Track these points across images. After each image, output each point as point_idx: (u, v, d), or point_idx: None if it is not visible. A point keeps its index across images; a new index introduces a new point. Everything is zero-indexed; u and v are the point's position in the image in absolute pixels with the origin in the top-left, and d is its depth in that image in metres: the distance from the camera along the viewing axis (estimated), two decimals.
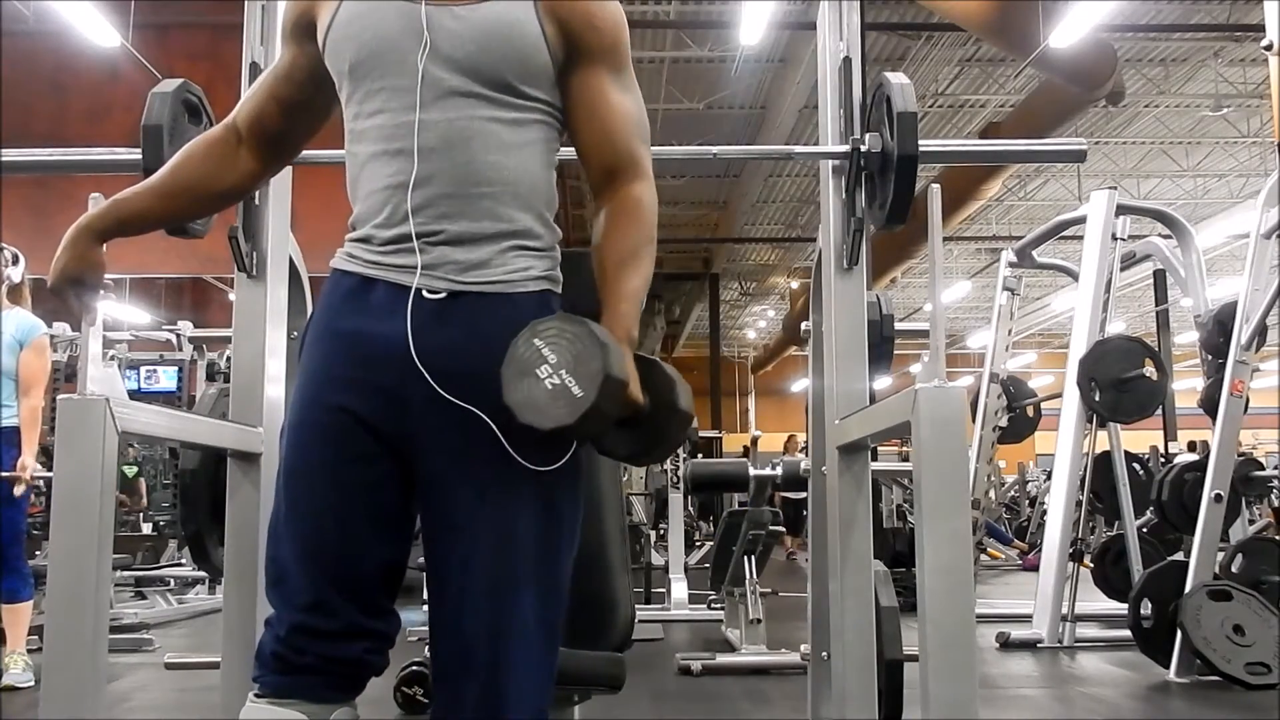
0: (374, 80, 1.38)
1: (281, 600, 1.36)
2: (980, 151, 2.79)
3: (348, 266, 1.40)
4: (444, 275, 1.35)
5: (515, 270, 1.38)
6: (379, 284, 1.37)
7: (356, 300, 1.38)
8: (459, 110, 1.36)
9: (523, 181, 1.39)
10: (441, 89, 1.36)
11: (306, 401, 1.39)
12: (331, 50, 1.42)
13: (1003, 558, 10.73)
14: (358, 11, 1.40)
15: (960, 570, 1.47)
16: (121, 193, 1.48)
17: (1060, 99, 9.92)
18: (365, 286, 1.38)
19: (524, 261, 1.39)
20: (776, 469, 4.87)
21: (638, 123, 1.46)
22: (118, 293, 10.41)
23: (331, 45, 1.41)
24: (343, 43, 1.40)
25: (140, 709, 3.87)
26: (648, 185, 1.44)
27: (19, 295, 4.20)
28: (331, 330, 1.40)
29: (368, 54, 1.38)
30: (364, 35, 1.39)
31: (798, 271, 18.43)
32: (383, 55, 1.37)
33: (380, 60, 1.37)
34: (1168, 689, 4.22)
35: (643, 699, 3.94)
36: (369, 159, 1.39)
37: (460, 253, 1.35)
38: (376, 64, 1.38)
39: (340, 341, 1.38)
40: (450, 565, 1.35)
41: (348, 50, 1.40)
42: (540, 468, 1.33)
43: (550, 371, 1.26)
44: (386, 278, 1.37)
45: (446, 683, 1.34)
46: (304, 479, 1.37)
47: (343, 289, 1.40)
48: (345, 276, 1.40)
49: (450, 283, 1.35)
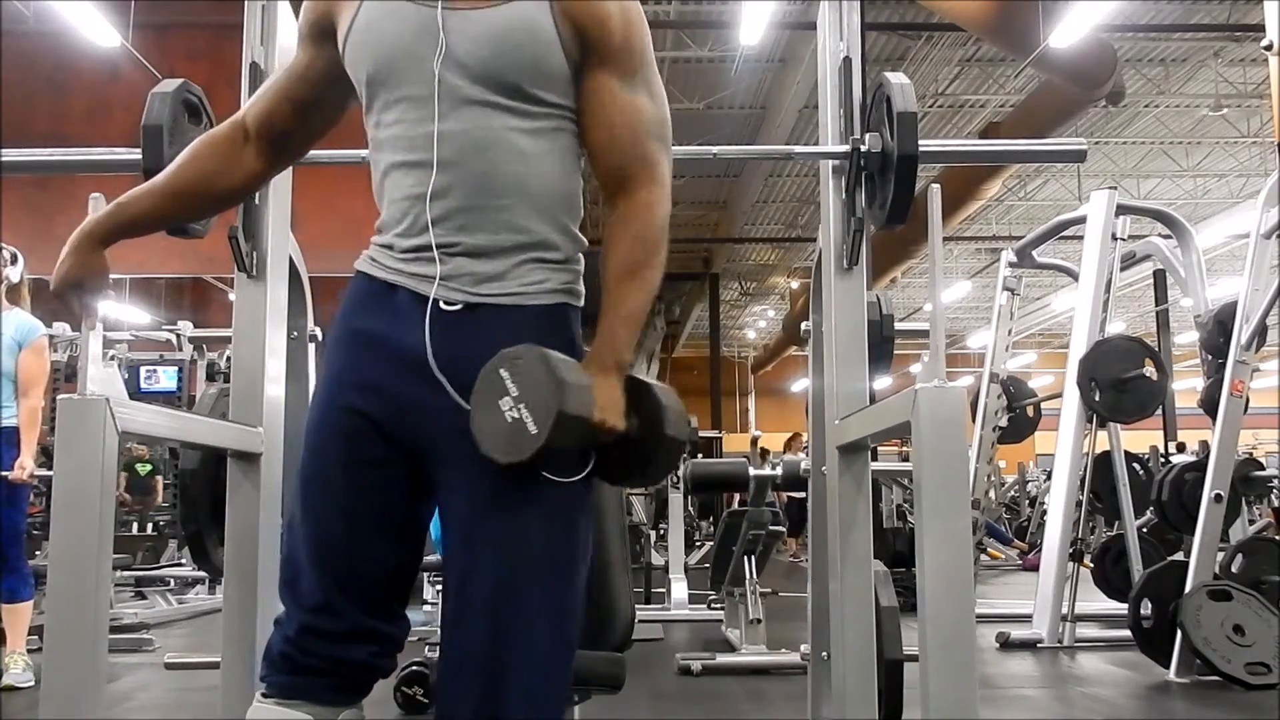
0: (392, 90, 1.38)
1: (292, 600, 1.37)
2: (980, 151, 2.80)
3: (371, 270, 1.41)
4: (460, 287, 1.36)
5: (530, 283, 1.38)
6: (400, 290, 1.38)
7: (379, 304, 1.39)
8: (476, 120, 1.36)
9: (543, 191, 1.39)
10: (459, 98, 1.35)
11: (325, 403, 1.41)
12: (351, 57, 1.42)
13: (1003, 558, 10.73)
14: (375, 17, 1.39)
15: (960, 570, 1.47)
16: (125, 195, 1.48)
17: (1060, 99, 9.92)
18: (388, 291, 1.39)
19: (540, 274, 1.39)
20: (776, 469, 4.89)
21: (652, 123, 1.42)
22: (118, 293, 10.41)
23: (351, 52, 1.41)
24: (361, 49, 1.40)
25: (140, 709, 3.87)
26: (658, 190, 1.40)
27: (18, 295, 4.19)
28: (352, 333, 1.41)
29: (385, 63, 1.38)
30: (380, 44, 1.38)
31: (798, 271, 18.43)
32: (399, 64, 1.37)
33: (396, 70, 1.37)
34: (1168, 689, 4.22)
35: (643, 699, 3.94)
36: (390, 168, 1.40)
37: (477, 265, 1.36)
38: (393, 73, 1.38)
39: (360, 344, 1.39)
40: (459, 569, 1.35)
41: (366, 59, 1.40)
42: (559, 478, 1.33)
43: (511, 404, 1.26)
44: (407, 285, 1.38)
45: (449, 684, 1.34)
46: (318, 481, 1.38)
47: (365, 292, 1.41)
48: (369, 280, 1.41)
49: (466, 294, 1.36)
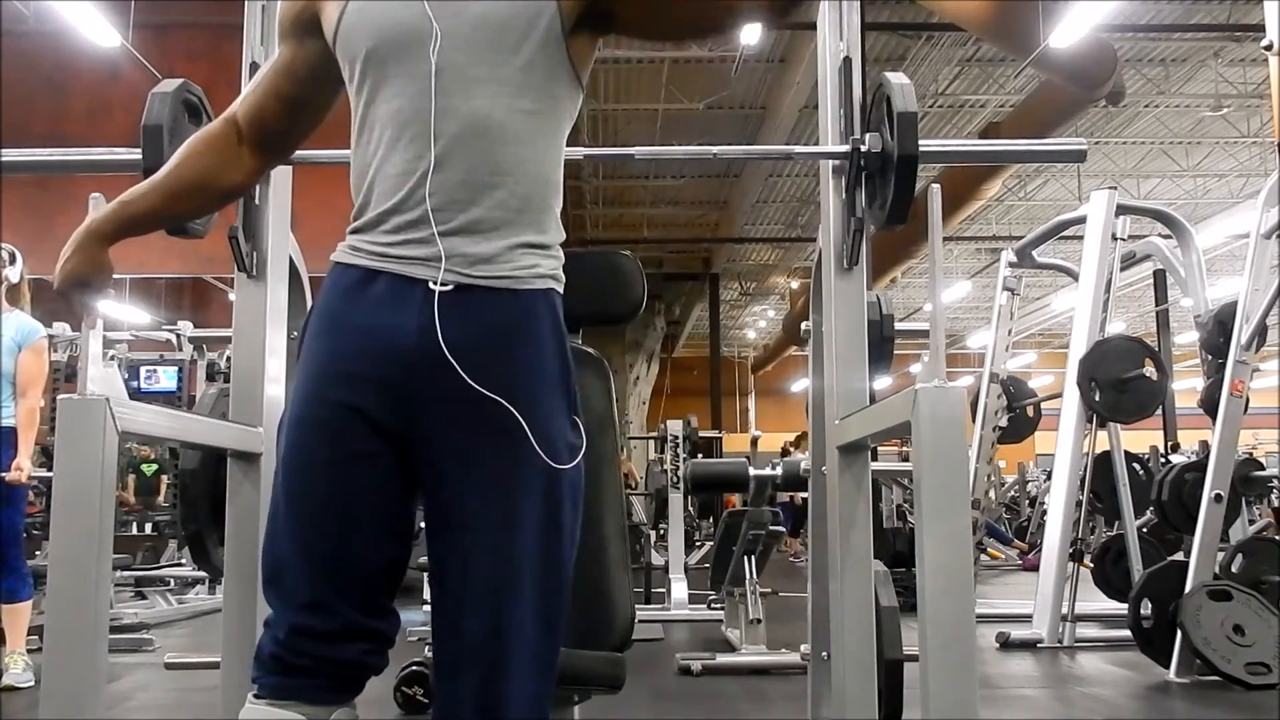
0: (390, 66, 1.37)
1: (279, 599, 1.35)
2: (980, 151, 2.78)
3: (349, 259, 1.39)
4: (451, 268, 1.33)
5: (522, 267, 1.37)
6: (381, 276, 1.35)
7: (359, 294, 1.37)
8: (479, 98, 1.35)
9: (538, 174, 1.38)
10: (461, 76, 1.35)
11: (307, 397, 1.38)
12: (344, 39, 1.40)
13: (1003, 558, 10.74)
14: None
15: (960, 570, 1.47)
16: (126, 193, 1.48)
17: (1060, 99, 9.92)
18: (368, 279, 1.36)
19: (530, 259, 1.38)
20: (776, 469, 4.88)
21: None
22: (118, 293, 10.41)
23: (344, 34, 1.40)
24: (358, 29, 1.39)
25: (140, 709, 3.87)
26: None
27: (17, 294, 4.19)
28: (333, 324, 1.38)
29: (384, 39, 1.37)
30: (381, 20, 1.38)
31: (798, 271, 18.43)
32: (400, 40, 1.36)
33: (398, 46, 1.36)
34: (1168, 689, 4.22)
35: (643, 699, 3.94)
36: (381, 145, 1.37)
37: (470, 245, 1.34)
38: (394, 50, 1.37)
39: (343, 336, 1.37)
40: (453, 562, 1.34)
41: (363, 38, 1.38)
42: (556, 465, 1.33)
43: None
44: (390, 269, 1.35)
45: (447, 681, 1.34)
46: (304, 476, 1.36)
47: (344, 283, 1.39)
48: (347, 270, 1.39)
49: (458, 276, 1.34)
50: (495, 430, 1.32)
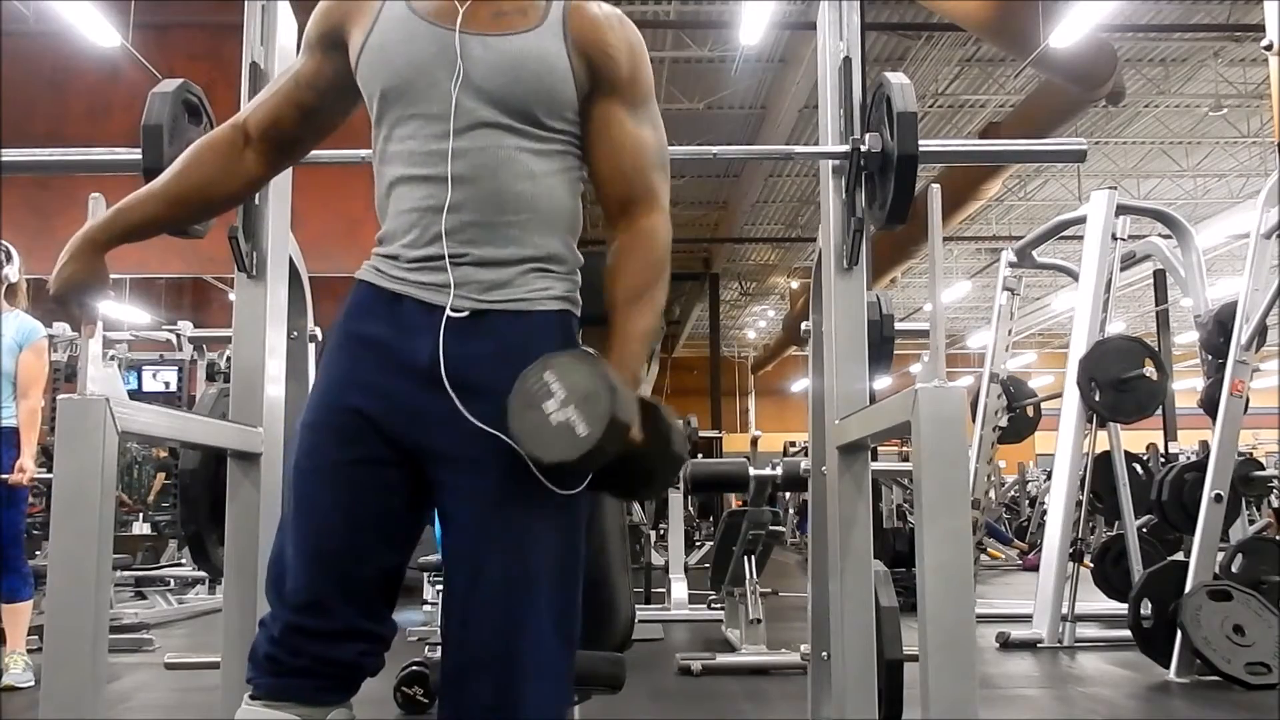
0: (405, 106, 1.40)
1: (278, 598, 1.37)
2: (980, 151, 2.79)
3: (376, 280, 1.42)
4: (466, 294, 1.37)
5: (535, 290, 1.40)
6: (405, 299, 1.39)
7: (383, 311, 1.40)
8: (488, 140, 1.38)
9: (549, 209, 1.41)
10: (472, 119, 1.38)
11: (323, 403, 1.41)
12: (364, 72, 1.44)
13: (1003, 558, 10.73)
14: (392, 37, 1.41)
15: (960, 570, 1.47)
16: (125, 200, 1.48)
17: (1060, 99, 9.91)
18: (392, 301, 1.40)
19: (544, 282, 1.41)
20: (776, 469, 4.89)
21: (655, 154, 1.47)
22: (118, 293, 10.41)
23: (365, 67, 1.43)
24: (376, 67, 1.42)
25: (140, 709, 3.87)
26: (662, 218, 1.46)
27: (16, 294, 4.18)
28: (356, 338, 1.41)
29: (401, 80, 1.40)
30: (397, 61, 1.40)
31: (798, 271, 18.43)
32: (415, 83, 1.39)
33: (412, 87, 1.40)
34: (1168, 689, 4.22)
35: (643, 699, 3.94)
36: (397, 181, 1.41)
37: (483, 273, 1.38)
38: (408, 90, 1.40)
39: (364, 349, 1.40)
40: (468, 571, 1.35)
41: (380, 75, 1.41)
42: (560, 490, 1.34)
43: (557, 407, 1.27)
44: (412, 294, 1.39)
45: (456, 688, 1.34)
46: (314, 479, 1.38)
47: (369, 300, 1.42)
48: (373, 289, 1.42)
49: (473, 301, 1.37)
50: (504, 449, 1.33)
